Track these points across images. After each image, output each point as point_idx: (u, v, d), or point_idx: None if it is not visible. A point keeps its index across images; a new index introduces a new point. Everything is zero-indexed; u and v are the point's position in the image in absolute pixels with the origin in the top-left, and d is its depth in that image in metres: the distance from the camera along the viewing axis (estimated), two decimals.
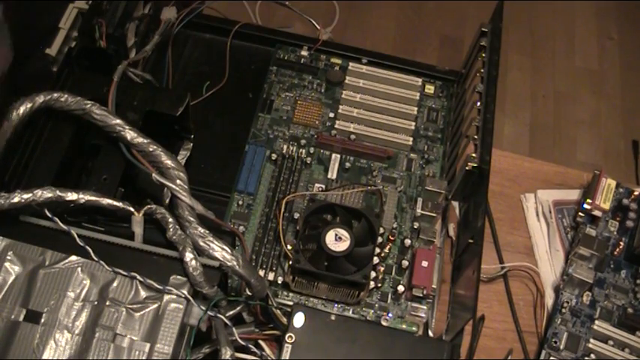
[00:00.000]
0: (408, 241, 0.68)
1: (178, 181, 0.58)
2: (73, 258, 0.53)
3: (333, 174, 0.72)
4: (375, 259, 0.66)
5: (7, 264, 0.52)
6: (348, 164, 0.73)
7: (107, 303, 0.52)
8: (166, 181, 0.57)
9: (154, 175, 0.57)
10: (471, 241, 0.62)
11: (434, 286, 0.66)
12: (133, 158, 0.59)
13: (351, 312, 0.65)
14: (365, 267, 0.63)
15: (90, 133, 0.62)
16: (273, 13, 1.11)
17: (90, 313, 0.51)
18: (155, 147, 0.58)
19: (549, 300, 0.73)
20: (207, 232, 0.55)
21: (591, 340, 0.69)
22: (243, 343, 0.55)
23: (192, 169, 0.69)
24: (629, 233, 0.75)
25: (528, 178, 0.82)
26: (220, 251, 0.54)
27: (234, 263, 0.54)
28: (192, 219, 0.56)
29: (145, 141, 0.58)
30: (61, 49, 0.69)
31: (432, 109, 0.77)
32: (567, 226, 0.78)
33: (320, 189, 0.71)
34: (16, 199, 0.53)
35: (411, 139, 0.74)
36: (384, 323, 0.65)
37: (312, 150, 0.73)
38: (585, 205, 0.75)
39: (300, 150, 0.73)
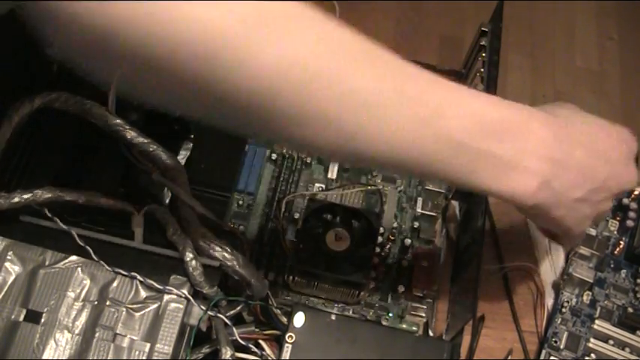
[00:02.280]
0: (408, 241, 0.68)
1: (179, 181, 0.58)
2: (73, 258, 0.53)
3: (333, 174, 0.72)
4: (375, 259, 0.66)
5: (7, 264, 0.52)
6: (348, 164, 0.73)
7: (107, 303, 0.52)
8: (167, 181, 0.57)
9: (154, 175, 0.57)
10: (471, 241, 0.62)
11: (434, 286, 0.66)
12: (133, 158, 0.59)
13: (351, 312, 0.65)
14: (365, 267, 0.63)
15: (90, 133, 0.62)
16: None
17: (90, 313, 0.51)
18: (155, 147, 0.58)
19: (549, 300, 0.73)
20: (207, 231, 0.55)
21: (591, 340, 0.69)
22: (243, 342, 0.55)
23: (192, 169, 0.69)
24: (629, 233, 0.75)
25: None
26: (220, 251, 0.54)
27: (234, 263, 0.54)
28: (192, 219, 0.56)
29: (145, 141, 0.58)
30: None
31: None
32: None
33: (320, 189, 0.71)
34: (16, 199, 0.53)
35: None
36: (384, 323, 0.65)
37: None
38: None
39: None
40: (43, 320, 0.51)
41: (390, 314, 0.65)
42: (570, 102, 0.55)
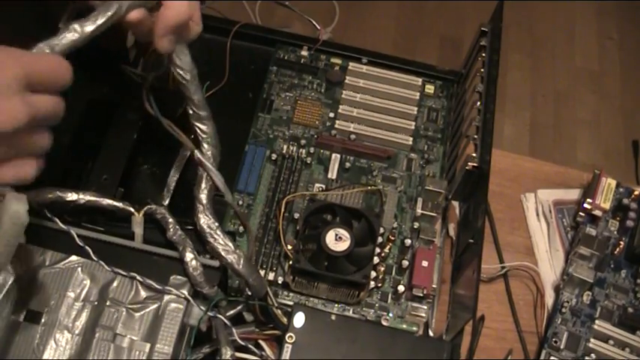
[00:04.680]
0: (408, 241, 0.68)
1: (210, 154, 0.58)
2: (73, 258, 0.53)
3: (333, 174, 0.72)
4: (375, 259, 0.66)
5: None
6: (348, 164, 0.73)
7: (107, 303, 0.52)
8: (207, 162, 0.57)
9: (196, 155, 0.57)
10: (471, 241, 0.62)
11: (434, 286, 0.66)
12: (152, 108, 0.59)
13: (351, 312, 0.65)
14: (365, 267, 0.63)
15: (90, 133, 0.62)
16: (273, 13, 1.11)
17: (90, 313, 0.52)
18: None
19: (549, 300, 0.73)
20: (217, 224, 0.56)
21: (591, 340, 0.70)
22: (243, 343, 0.55)
23: (192, 169, 0.69)
24: (629, 233, 0.75)
25: (528, 178, 0.82)
26: (224, 245, 0.55)
27: (234, 261, 0.54)
28: (208, 208, 0.56)
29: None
30: None
31: (432, 109, 0.77)
32: (567, 226, 0.78)
33: (320, 189, 0.71)
34: None
35: (411, 139, 0.74)
36: (384, 323, 0.65)
37: (312, 150, 0.73)
38: (585, 205, 0.75)
39: (300, 150, 0.73)
40: (43, 320, 0.51)
41: (390, 314, 0.65)
42: (570, 101, 0.55)
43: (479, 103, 0.68)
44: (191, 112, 0.57)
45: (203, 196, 0.56)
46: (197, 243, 0.56)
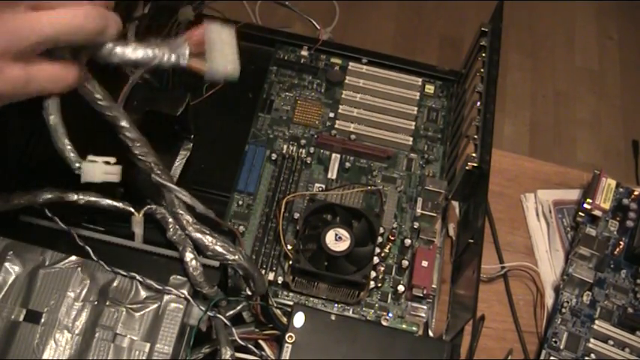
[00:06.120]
0: (408, 241, 0.68)
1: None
2: (73, 258, 0.53)
3: (333, 174, 0.72)
4: (375, 259, 0.66)
5: (7, 264, 0.52)
6: (348, 164, 0.73)
7: (107, 303, 0.52)
8: (166, 182, 0.57)
9: (153, 175, 0.57)
10: (471, 241, 0.62)
11: (434, 286, 0.66)
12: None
13: (351, 312, 0.65)
14: (365, 267, 0.63)
15: (90, 134, 0.62)
16: (273, 13, 1.11)
17: (90, 313, 0.51)
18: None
19: (549, 300, 0.73)
20: (208, 229, 0.55)
21: (591, 340, 0.70)
22: (242, 343, 0.55)
23: (192, 169, 0.69)
24: (629, 233, 0.75)
25: (528, 178, 0.82)
26: (225, 245, 0.55)
27: (239, 257, 0.55)
28: (190, 218, 0.56)
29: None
30: None
31: (432, 109, 0.78)
32: (567, 226, 0.78)
33: (320, 189, 0.71)
34: (16, 200, 0.53)
35: (411, 139, 0.74)
36: (384, 323, 0.65)
37: (312, 150, 0.73)
38: (585, 205, 0.75)
39: (300, 150, 0.73)
40: (43, 320, 0.51)
41: (390, 314, 0.65)
42: (570, 101, 0.55)
43: (479, 103, 0.68)
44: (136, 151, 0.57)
45: (183, 212, 0.56)
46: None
